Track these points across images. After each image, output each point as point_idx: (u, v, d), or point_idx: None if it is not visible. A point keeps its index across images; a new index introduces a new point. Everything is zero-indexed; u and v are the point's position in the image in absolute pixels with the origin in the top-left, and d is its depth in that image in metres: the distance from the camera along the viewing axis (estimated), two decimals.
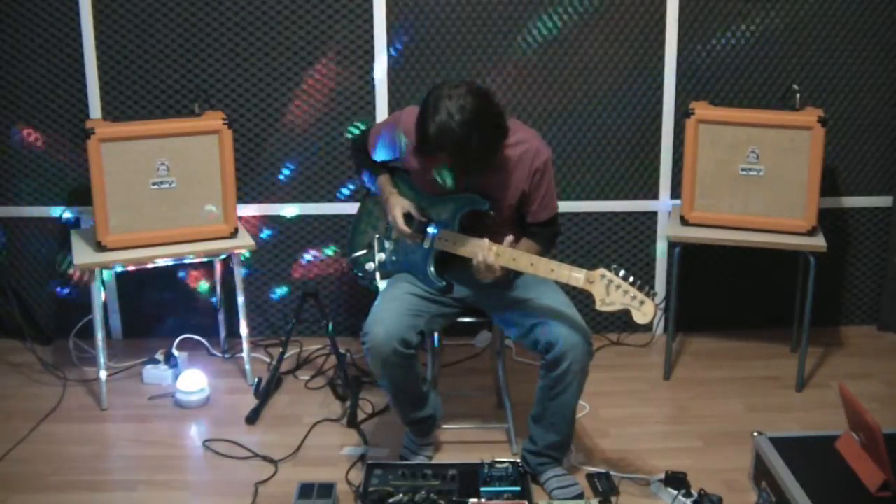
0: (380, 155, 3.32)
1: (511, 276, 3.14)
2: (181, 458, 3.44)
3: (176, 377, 3.82)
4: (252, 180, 4.10)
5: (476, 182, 3.09)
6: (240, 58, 3.99)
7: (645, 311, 2.88)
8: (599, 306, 2.93)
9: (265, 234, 4.16)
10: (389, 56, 3.99)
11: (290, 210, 4.14)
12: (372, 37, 3.97)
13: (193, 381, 3.74)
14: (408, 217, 3.20)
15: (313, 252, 4.19)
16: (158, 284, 4.18)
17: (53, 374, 3.92)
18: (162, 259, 3.69)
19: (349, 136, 4.05)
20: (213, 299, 4.13)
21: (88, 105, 3.98)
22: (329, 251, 4.20)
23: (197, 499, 3.20)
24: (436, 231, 3.17)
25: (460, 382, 3.90)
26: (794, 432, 3.40)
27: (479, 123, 2.89)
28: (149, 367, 3.90)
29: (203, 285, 4.20)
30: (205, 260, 3.92)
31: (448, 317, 3.27)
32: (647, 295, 2.88)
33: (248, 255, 4.14)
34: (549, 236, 3.27)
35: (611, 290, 2.91)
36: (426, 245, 3.18)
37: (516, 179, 3.12)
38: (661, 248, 4.24)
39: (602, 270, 2.92)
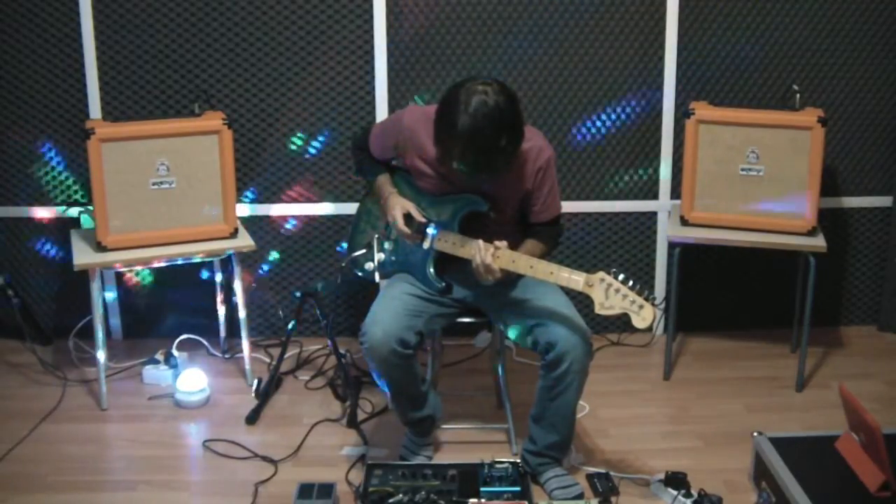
0: (380, 154, 3.32)
1: (512, 277, 3.13)
2: (181, 458, 3.44)
3: (176, 377, 3.82)
4: (252, 180, 4.11)
5: (486, 182, 3.08)
6: (240, 58, 3.99)
7: (644, 315, 2.88)
8: (598, 310, 2.93)
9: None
10: (389, 55, 3.99)
11: (291, 210, 4.14)
12: (372, 37, 3.97)
13: (193, 381, 3.74)
14: (408, 217, 3.19)
15: (314, 252, 4.20)
16: (158, 284, 4.18)
17: (53, 374, 3.92)
18: (162, 259, 3.69)
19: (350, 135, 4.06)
20: (214, 299, 4.13)
21: (88, 105, 3.98)
22: (329, 252, 4.20)
23: (197, 499, 3.20)
24: (435, 232, 3.17)
25: (460, 382, 3.90)
26: (794, 432, 3.40)
27: (510, 124, 2.90)
28: (149, 367, 3.90)
29: (203, 286, 4.19)
30: (205, 260, 3.91)
31: (447, 317, 3.27)
32: (647, 299, 2.88)
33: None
34: (553, 236, 3.27)
35: (610, 293, 2.91)
36: (426, 246, 3.18)
37: (519, 178, 3.12)
38: (661, 248, 4.24)
39: (601, 274, 2.92)
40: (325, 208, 4.15)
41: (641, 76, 4.08)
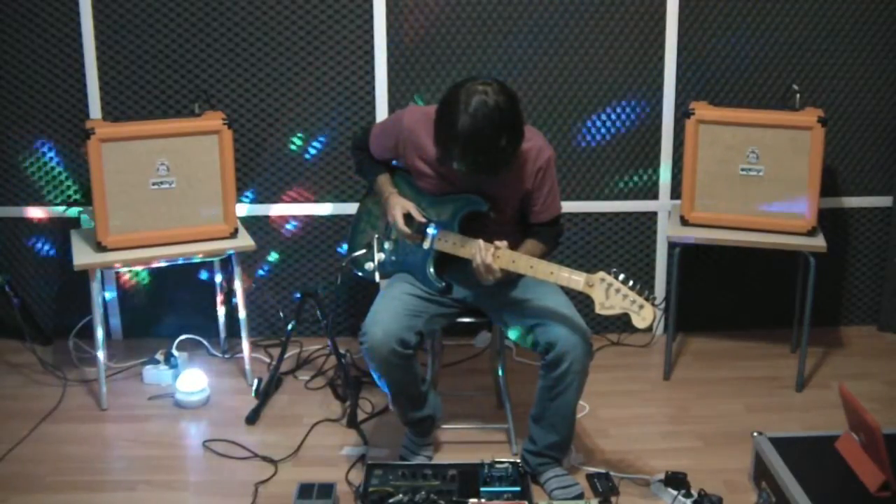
0: (380, 154, 3.32)
1: (512, 277, 3.13)
2: (181, 458, 3.44)
3: (176, 377, 3.82)
4: (252, 180, 4.10)
5: (486, 182, 3.08)
6: (240, 58, 3.99)
7: (644, 315, 2.88)
8: (599, 310, 2.93)
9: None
10: (389, 55, 3.99)
11: (291, 210, 4.14)
12: (372, 37, 3.97)
13: (193, 381, 3.74)
14: (408, 217, 3.20)
15: (314, 253, 4.20)
16: (158, 284, 4.18)
17: (53, 374, 3.92)
18: (162, 259, 3.69)
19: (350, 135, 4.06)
20: (214, 299, 4.13)
21: (88, 105, 3.98)
22: (329, 252, 4.20)
23: (197, 499, 3.20)
24: (435, 232, 3.17)
25: (460, 382, 3.90)
26: (794, 432, 3.40)
27: (510, 124, 2.90)
28: (149, 367, 3.90)
29: (203, 286, 4.19)
30: (205, 260, 3.91)
31: (447, 317, 3.27)
32: (647, 299, 2.88)
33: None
34: (553, 237, 3.27)
35: (610, 293, 2.91)
36: (426, 246, 3.18)
37: (519, 179, 3.12)
38: (661, 248, 4.24)
39: (602, 274, 2.92)
40: (325, 208, 4.15)
41: (641, 76, 4.08)
